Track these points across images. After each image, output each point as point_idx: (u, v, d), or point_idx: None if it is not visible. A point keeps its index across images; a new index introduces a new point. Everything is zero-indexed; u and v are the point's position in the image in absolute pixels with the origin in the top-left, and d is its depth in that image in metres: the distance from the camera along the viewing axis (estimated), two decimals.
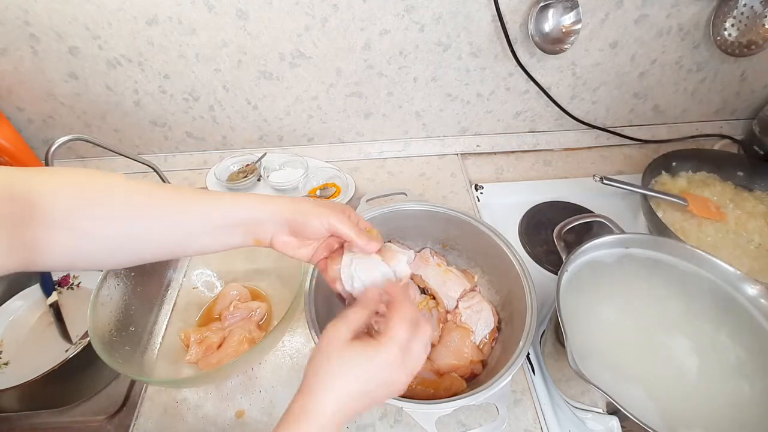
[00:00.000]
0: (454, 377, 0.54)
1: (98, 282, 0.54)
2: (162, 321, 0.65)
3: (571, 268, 0.55)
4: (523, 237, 0.77)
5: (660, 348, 0.51)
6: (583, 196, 0.84)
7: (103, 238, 0.34)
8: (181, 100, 0.84)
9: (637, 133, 0.93)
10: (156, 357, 0.60)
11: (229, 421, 0.55)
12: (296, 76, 0.81)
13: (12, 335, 0.67)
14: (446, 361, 0.55)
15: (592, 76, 0.84)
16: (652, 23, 0.76)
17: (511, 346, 0.50)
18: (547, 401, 0.56)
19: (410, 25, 0.74)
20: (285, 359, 0.61)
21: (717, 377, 0.49)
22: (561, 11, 0.72)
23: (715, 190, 0.77)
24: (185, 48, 0.75)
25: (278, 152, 0.92)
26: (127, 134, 0.90)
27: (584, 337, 0.51)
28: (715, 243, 0.69)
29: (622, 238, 0.57)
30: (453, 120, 0.91)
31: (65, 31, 0.72)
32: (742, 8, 0.73)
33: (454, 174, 0.90)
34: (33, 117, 0.86)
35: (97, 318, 0.52)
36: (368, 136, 0.94)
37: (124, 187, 0.35)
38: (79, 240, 0.33)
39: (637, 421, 0.40)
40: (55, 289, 0.73)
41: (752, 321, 0.51)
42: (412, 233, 0.69)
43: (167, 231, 0.37)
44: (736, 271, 0.53)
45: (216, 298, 0.67)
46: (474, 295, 0.62)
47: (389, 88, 0.84)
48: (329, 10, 0.71)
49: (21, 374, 0.60)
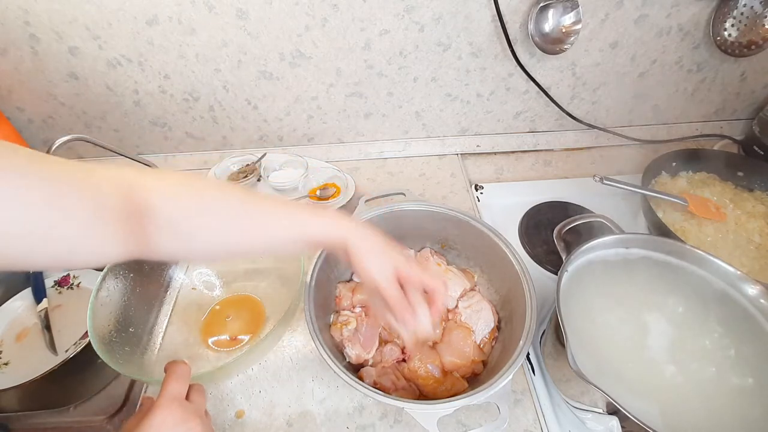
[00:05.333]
0: (456, 377, 0.54)
1: (97, 283, 0.54)
2: (162, 321, 0.65)
3: (571, 268, 0.55)
4: (523, 237, 0.77)
5: (660, 348, 0.51)
6: (583, 196, 0.84)
7: (203, 242, 0.37)
8: (181, 100, 0.84)
9: (637, 133, 0.93)
10: (156, 357, 0.60)
11: (229, 421, 0.55)
12: (296, 76, 0.81)
13: (12, 335, 0.67)
14: (448, 359, 0.55)
15: (592, 76, 0.84)
16: (652, 23, 0.76)
17: (511, 345, 0.50)
18: (547, 401, 0.56)
19: (410, 25, 0.74)
20: (285, 359, 0.61)
21: (717, 377, 0.49)
22: (561, 11, 0.72)
23: (715, 190, 0.77)
24: (185, 48, 0.75)
25: (278, 152, 0.92)
26: (127, 134, 0.90)
27: (584, 337, 0.51)
28: (715, 243, 0.69)
29: (622, 238, 0.57)
30: (453, 120, 0.91)
31: (65, 31, 0.72)
32: (742, 8, 0.73)
33: (454, 174, 0.90)
34: (33, 117, 0.86)
35: (97, 318, 0.52)
36: (368, 136, 0.94)
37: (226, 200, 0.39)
38: (183, 242, 0.36)
39: (637, 421, 0.40)
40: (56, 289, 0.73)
41: (752, 321, 0.51)
42: (411, 233, 0.69)
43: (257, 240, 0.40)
44: (736, 271, 0.53)
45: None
46: (474, 294, 0.62)
47: (389, 88, 0.84)
48: (329, 10, 0.71)
49: (21, 374, 0.60)
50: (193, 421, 0.39)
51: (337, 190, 0.83)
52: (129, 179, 0.33)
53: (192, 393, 0.42)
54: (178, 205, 0.35)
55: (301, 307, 0.53)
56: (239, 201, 0.39)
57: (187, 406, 0.40)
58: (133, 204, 0.33)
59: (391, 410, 0.56)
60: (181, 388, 0.40)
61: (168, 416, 0.37)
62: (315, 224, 0.41)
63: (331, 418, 0.55)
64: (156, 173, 0.37)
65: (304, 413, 0.56)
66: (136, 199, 0.33)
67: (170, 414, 0.37)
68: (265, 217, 0.40)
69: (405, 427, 0.54)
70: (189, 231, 0.36)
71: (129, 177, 0.34)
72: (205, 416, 0.42)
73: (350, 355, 0.56)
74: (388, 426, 0.54)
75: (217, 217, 0.37)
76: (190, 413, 0.39)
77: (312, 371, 0.60)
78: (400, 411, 0.55)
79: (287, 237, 0.41)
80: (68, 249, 0.29)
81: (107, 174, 0.33)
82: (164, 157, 0.94)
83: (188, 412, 0.39)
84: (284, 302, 0.55)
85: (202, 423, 0.40)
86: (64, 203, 0.28)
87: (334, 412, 0.56)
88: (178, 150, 0.94)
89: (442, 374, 0.55)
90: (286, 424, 0.55)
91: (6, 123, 0.82)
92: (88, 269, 0.75)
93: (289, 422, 0.55)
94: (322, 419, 0.55)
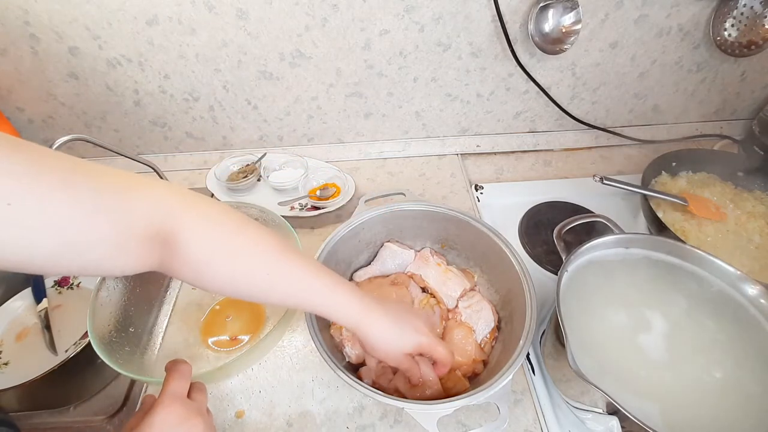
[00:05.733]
0: (458, 377, 0.54)
1: (97, 283, 0.54)
2: (162, 321, 0.65)
3: (571, 268, 0.55)
4: (523, 237, 0.77)
5: (660, 348, 0.51)
6: (583, 196, 0.84)
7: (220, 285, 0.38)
8: (181, 100, 0.84)
9: (637, 133, 0.93)
10: (156, 357, 0.60)
11: (229, 421, 0.55)
12: (296, 76, 0.81)
13: (12, 335, 0.67)
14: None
15: (592, 77, 0.84)
16: (652, 23, 0.76)
17: (512, 344, 0.51)
18: (547, 401, 0.56)
19: (410, 25, 0.74)
20: (285, 359, 0.61)
21: (717, 377, 0.49)
22: (561, 11, 0.72)
23: (715, 190, 0.77)
24: (185, 48, 0.75)
25: (278, 152, 0.92)
26: (127, 134, 0.90)
27: (584, 337, 0.51)
28: (715, 243, 0.69)
29: (622, 238, 0.57)
30: (453, 120, 0.91)
31: (65, 31, 0.72)
32: (742, 8, 0.73)
33: (454, 174, 0.90)
34: (33, 117, 0.86)
35: (97, 318, 0.52)
36: (368, 136, 0.94)
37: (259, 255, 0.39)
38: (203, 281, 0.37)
39: (637, 421, 0.40)
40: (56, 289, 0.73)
41: (752, 321, 0.51)
42: (411, 233, 0.69)
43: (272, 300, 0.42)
44: (736, 271, 0.53)
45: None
46: (474, 294, 0.62)
47: (389, 88, 0.84)
48: (329, 10, 0.71)
49: (21, 374, 0.60)
50: (195, 419, 0.39)
51: (337, 190, 0.83)
52: (167, 207, 0.34)
53: (193, 391, 0.42)
54: (209, 250, 0.36)
55: None
56: (273, 260, 0.40)
57: (189, 404, 0.40)
58: (164, 235, 0.34)
59: (391, 410, 0.56)
60: (182, 387, 0.40)
61: (170, 414, 0.37)
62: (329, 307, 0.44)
63: (331, 418, 0.55)
64: (197, 205, 0.36)
65: (304, 413, 0.56)
66: (168, 232, 0.34)
67: (172, 412, 0.37)
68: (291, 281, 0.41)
69: (405, 427, 0.54)
70: (212, 275, 0.37)
71: (167, 205, 0.34)
72: (207, 414, 0.42)
73: (350, 354, 0.56)
74: (388, 426, 0.54)
75: (243, 273, 0.38)
76: (192, 411, 0.39)
77: (312, 371, 0.60)
78: (400, 411, 0.55)
79: (304, 304, 0.43)
80: (96, 262, 0.31)
81: (149, 194, 0.33)
82: (164, 157, 0.94)
83: (190, 410, 0.39)
84: None
85: (204, 421, 0.40)
86: (99, 222, 0.29)
87: (334, 412, 0.56)
88: (178, 150, 0.94)
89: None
90: (286, 424, 0.55)
91: (6, 123, 0.82)
92: None
93: (289, 422, 0.55)
94: (322, 419, 0.55)
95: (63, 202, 0.27)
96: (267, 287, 0.40)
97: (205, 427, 0.39)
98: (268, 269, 0.39)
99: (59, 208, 0.27)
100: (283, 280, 0.40)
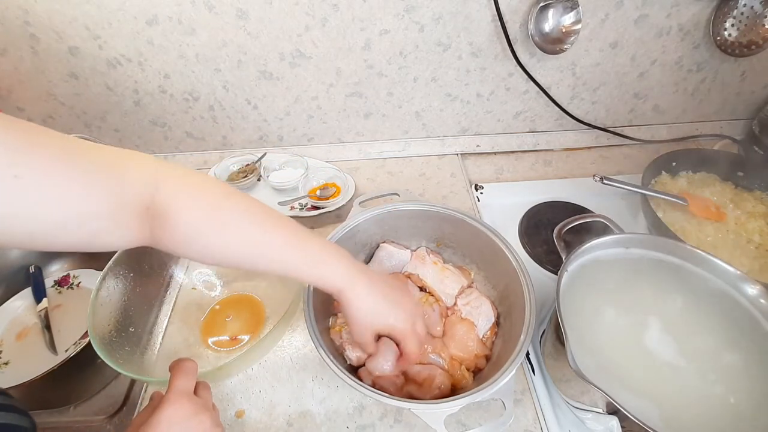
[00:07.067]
0: (464, 371, 0.54)
1: (97, 283, 0.54)
2: (162, 321, 0.65)
3: (571, 268, 0.55)
4: (523, 237, 0.77)
5: (660, 348, 0.51)
6: (583, 196, 0.84)
7: (210, 256, 0.39)
8: (181, 100, 0.84)
9: (637, 133, 0.93)
10: (156, 357, 0.60)
11: (229, 421, 0.55)
12: (296, 76, 0.81)
13: (12, 335, 0.67)
14: (453, 353, 0.55)
15: (592, 76, 0.84)
16: (652, 23, 0.76)
17: (512, 339, 0.51)
18: (547, 401, 0.56)
19: (410, 25, 0.74)
20: (285, 359, 0.61)
21: (717, 377, 0.49)
22: (561, 11, 0.72)
23: (715, 190, 0.77)
24: (185, 48, 0.75)
25: (278, 152, 0.92)
26: (127, 134, 0.90)
27: (584, 337, 0.51)
28: (715, 243, 0.69)
29: (622, 238, 0.57)
30: (453, 120, 0.91)
31: (65, 31, 0.72)
32: (742, 8, 0.73)
33: (454, 174, 0.90)
34: (33, 117, 0.86)
35: (97, 318, 0.52)
36: (368, 136, 0.94)
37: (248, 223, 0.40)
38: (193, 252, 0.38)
39: (637, 421, 0.40)
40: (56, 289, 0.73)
41: (752, 321, 0.51)
42: (406, 233, 0.69)
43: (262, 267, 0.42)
44: (736, 271, 0.53)
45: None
46: (471, 291, 0.62)
47: (389, 88, 0.84)
48: (329, 10, 0.71)
49: (21, 374, 0.60)
50: (202, 414, 0.39)
51: (337, 190, 0.83)
52: (157, 178, 0.35)
53: (199, 389, 0.43)
54: (198, 220, 0.37)
55: (301, 307, 0.53)
56: (259, 228, 0.40)
57: (196, 400, 0.40)
58: (155, 207, 0.34)
59: (391, 410, 0.56)
60: (189, 383, 0.41)
61: (178, 409, 0.38)
62: (320, 271, 0.44)
63: (331, 418, 0.55)
64: (183, 175, 0.37)
65: (304, 413, 0.56)
66: (158, 204, 0.34)
67: (180, 407, 0.38)
68: (278, 251, 0.41)
69: (405, 427, 0.54)
70: (202, 245, 0.37)
71: (157, 178, 0.35)
72: (213, 410, 0.42)
73: (351, 357, 0.55)
74: (388, 426, 0.54)
75: (233, 241, 0.39)
76: (199, 407, 0.39)
77: (312, 371, 0.60)
78: (400, 411, 0.55)
79: (290, 273, 0.43)
80: (91, 235, 0.32)
81: (139, 167, 0.34)
82: (164, 157, 0.94)
83: (197, 406, 0.39)
84: (284, 302, 0.55)
85: (211, 416, 0.40)
86: (95, 196, 0.30)
87: (334, 412, 0.56)
88: (178, 150, 0.94)
89: (450, 366, 0.55)
90: (286, 424, 0.55)
91: None
92: (88, 269, 0.76)
93: (289, 422, 0.55)
94: (322, 419, 0.55)
95: (62, 176, 0.28)
96: (256, 255, 0.41)
97: (212, 422, 0.40)
98: (255, 239, 0.40)
99: (59, 180, 0.28)
100: (271, 250, 0.41)
